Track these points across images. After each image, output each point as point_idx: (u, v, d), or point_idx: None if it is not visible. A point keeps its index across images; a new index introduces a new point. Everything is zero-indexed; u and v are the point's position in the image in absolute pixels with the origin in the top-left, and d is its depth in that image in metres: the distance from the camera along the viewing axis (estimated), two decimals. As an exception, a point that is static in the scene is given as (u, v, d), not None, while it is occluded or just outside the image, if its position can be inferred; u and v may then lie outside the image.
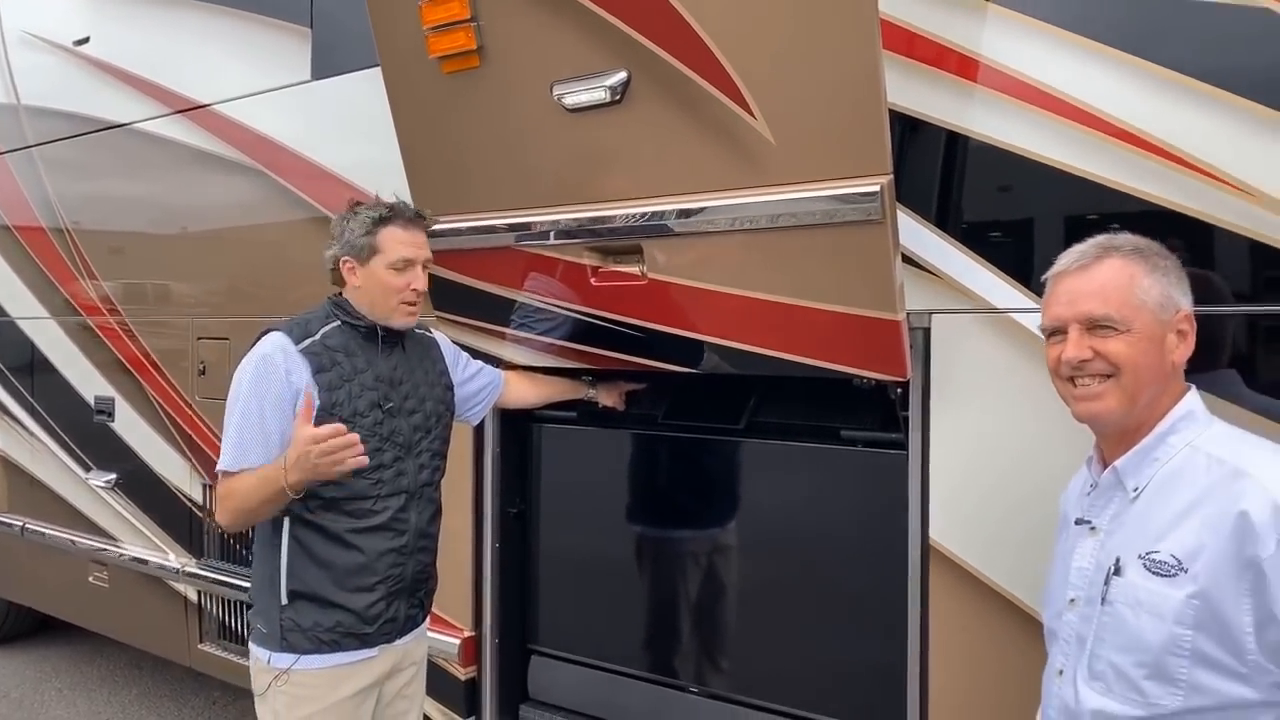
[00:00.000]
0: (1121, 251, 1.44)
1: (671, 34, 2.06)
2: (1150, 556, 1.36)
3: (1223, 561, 1.29)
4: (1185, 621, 1.31)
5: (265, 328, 2.23)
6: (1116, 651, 1.38)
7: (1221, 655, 1.29)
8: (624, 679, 2.85)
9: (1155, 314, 1.41)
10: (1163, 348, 1.42)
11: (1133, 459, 1.44)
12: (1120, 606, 1.38)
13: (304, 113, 3.43)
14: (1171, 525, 1.36)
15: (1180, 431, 1.42)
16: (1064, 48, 1.96)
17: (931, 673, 2.14)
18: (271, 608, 2.14)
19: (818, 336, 2.13)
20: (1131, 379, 1.41)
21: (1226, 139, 1.80)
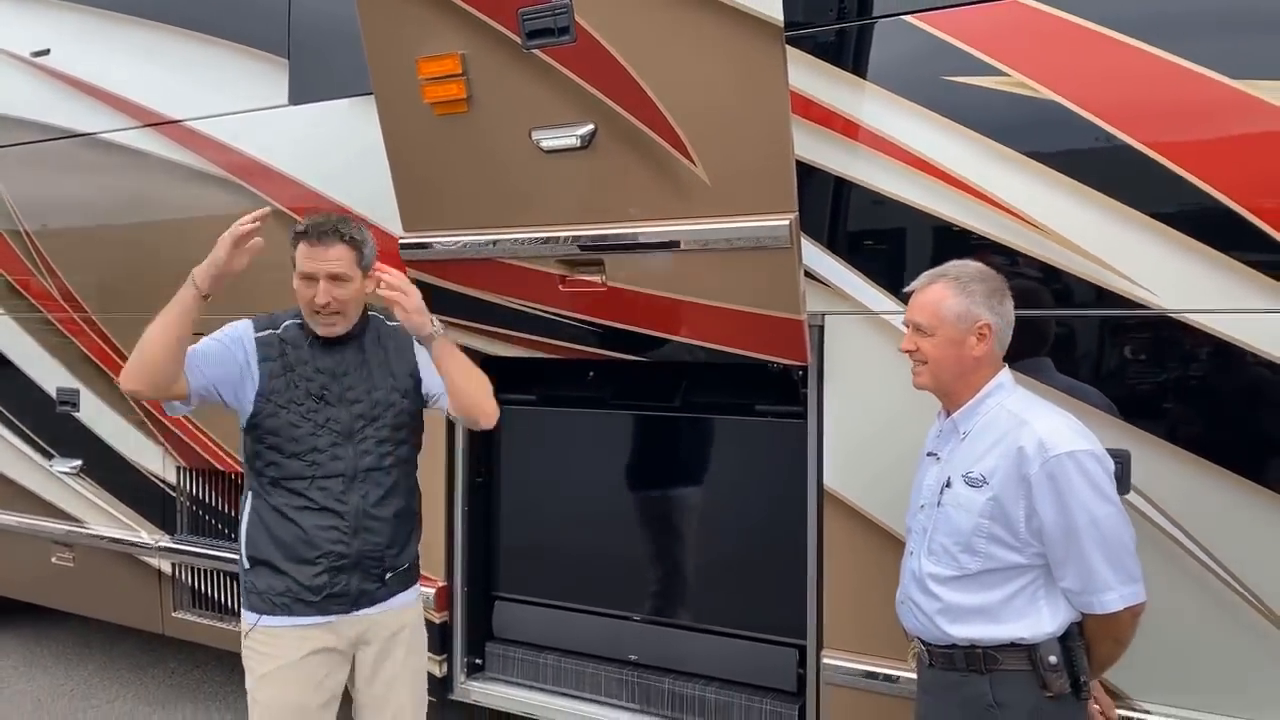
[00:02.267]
0: (945, 278, 2.11)
1: (631, 98, 2.67)
2: (968, 474, 2.06)
3: (1008, 477, 2.00)
4: (985, 514, 2.02)
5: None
6: (944, 535, 2.09)
7: (1005, 535, 2.00)
8: (575, 614, 3.45)
9: (954, 324, 2.07)
10: (963, 346, 2.07)
11: (963, 414, 2.13)
12: (948, 507, 2.09)
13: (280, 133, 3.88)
14: (982, 455, 2.06)
15: (994, 396, 2.11)
16: (921, 118, 2.67)
17: (825, 585, 2.83)
18: (242, 570, 2.44)
19: (740, 331, 2.79)
20: (935, 366, 2.11)
21: (1029, 191, 2.53)
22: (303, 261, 2.43)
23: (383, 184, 3.21)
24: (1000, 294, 2.11)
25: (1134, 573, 1.98)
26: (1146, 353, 2.46)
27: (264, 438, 2.41)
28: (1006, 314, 2.11)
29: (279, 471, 2.40)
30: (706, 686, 3.13)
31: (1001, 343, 2.12)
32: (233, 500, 4.11)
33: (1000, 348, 2.13)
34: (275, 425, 2.40)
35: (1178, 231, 2.36)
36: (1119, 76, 2.44)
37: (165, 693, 4.63)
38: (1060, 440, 1.97)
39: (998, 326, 2.09)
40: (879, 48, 2.75)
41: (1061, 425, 2.01)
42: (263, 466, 2.41)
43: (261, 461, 2.42)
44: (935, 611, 2.08)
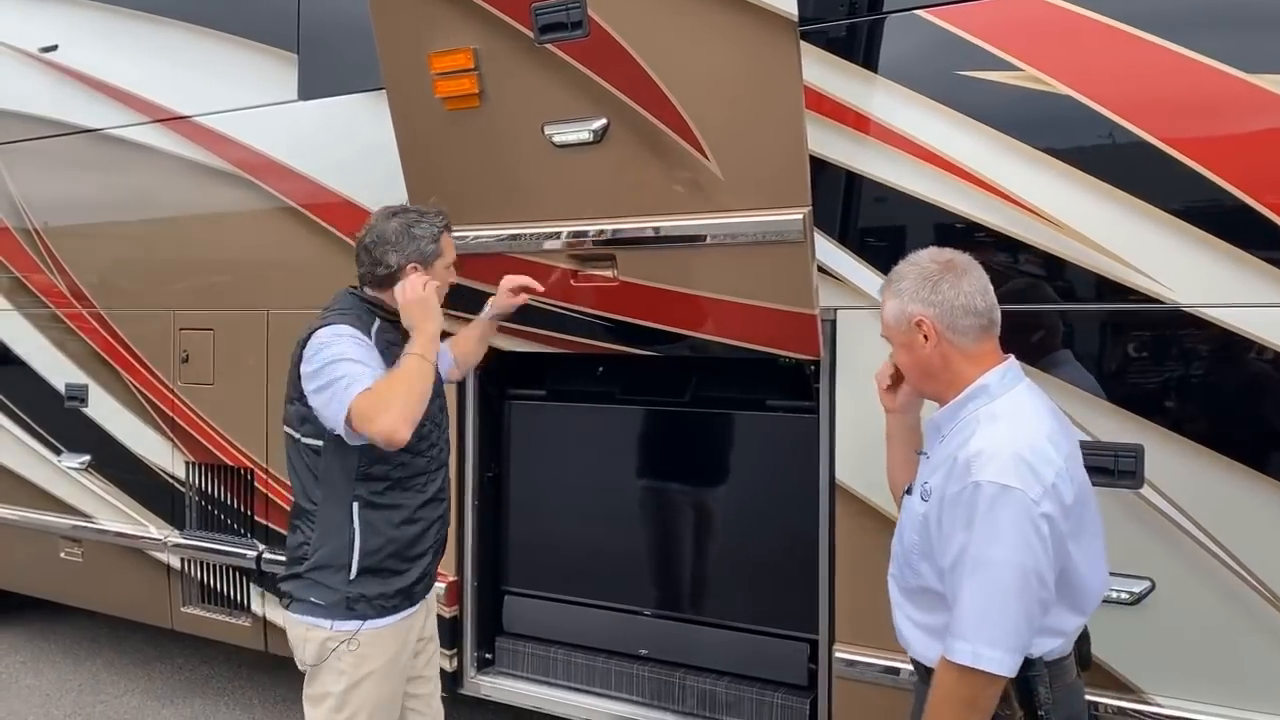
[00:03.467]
0: (886, 284, 1.97)
1: (644, 92, 2.67)
2: (924, 485, 1.89)
3: (940, 494, 1.81)
4: (918, 530, 1.87)
5: (319, 324, 2.34)
6: (896, 541, 1.99)
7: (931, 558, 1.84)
8: (585, 609, 3.45)
9: (896, 329, 1.92)
10: (913, 349, 1.89)
11: (943, 414, 1.92)
12: (902, 514, 1.99)
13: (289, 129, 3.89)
14: (939, 465, 1.86)
15: (976, 399, 1.86)
16: (934, 112, 2.67)
17: (837, 579, 2.83)
18: (336, 582, 2.31)
19: (753, 326, 2.79)
20: (905, 376, 2.00)
21: (1041, 185, 2.53)
22: (452, 249, 2.51)
23: (394, 179, 3.22)
24: (933, 280, 1.86)
25: (999, 638, 1.68)
26: (1160, 347, 2.45)
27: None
28: (947, 299, 1.85)
29: (405, 471, 2.37)
30: (718, 681, 3.14)
31: (958, 330, 1.85)
32: (241, 495, 4.11)
33: (962, 336, 1.86)
34: None
35: (1191, 226, 2.36)
36: (1133, 71, 2.44)
37: (174, 687, 4.64)
38: (987, 466, 1.71)
39: (935, 316, 1.85)
40: (891, 42, 2.75)
41: (1004, 449, 1.73)
42: (388, 470, 2.33)
43: (387, 465, 2.33)
44: (900, 620, 1.99)
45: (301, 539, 2.39)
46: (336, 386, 2.19)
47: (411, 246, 2.39)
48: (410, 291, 2.31)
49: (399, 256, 2.38)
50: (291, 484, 2.45)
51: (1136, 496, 2.42)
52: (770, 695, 3.04)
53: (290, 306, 3.94)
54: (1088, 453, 2.43)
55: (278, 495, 3.98)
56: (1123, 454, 2.43)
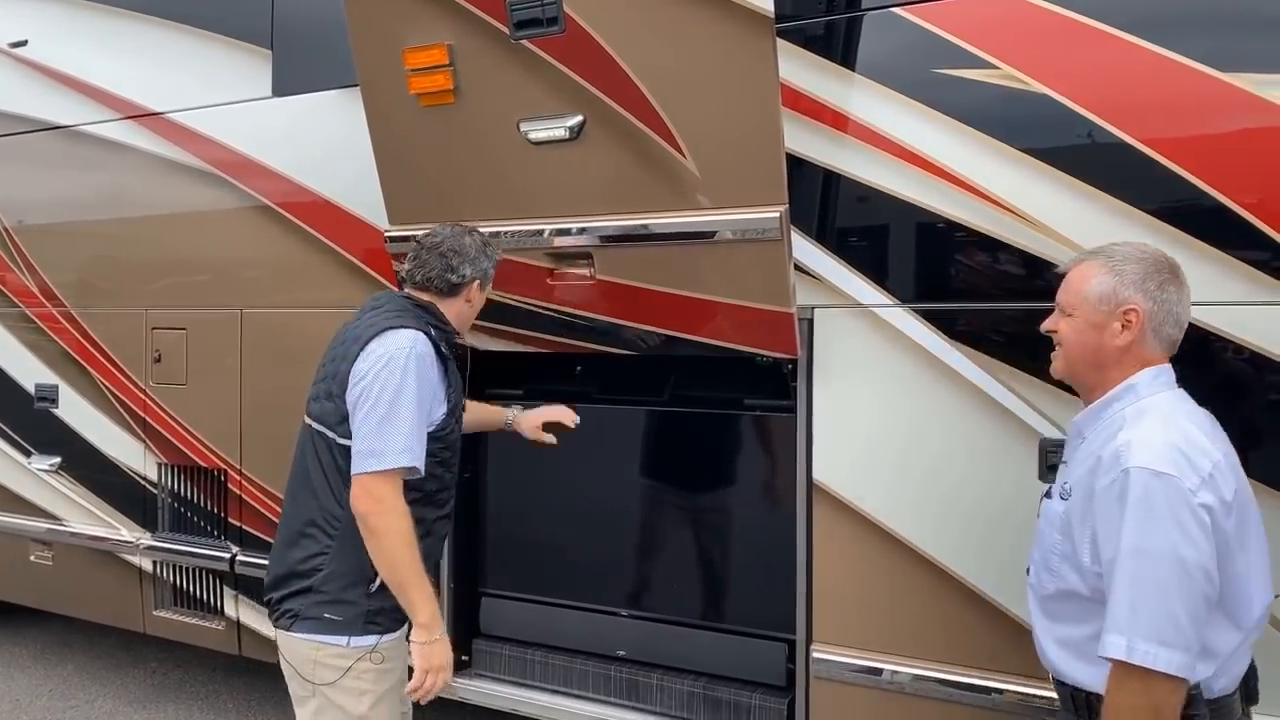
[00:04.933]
0: (1095, 256, 1.85)
1: (620, 89, 2.65)
2: (1063, 485, 1.84)
3: (1084, 489, 1.75)
4: (1058, 528, 1.80)
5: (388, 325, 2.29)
6: (1035, 548, 1.91)
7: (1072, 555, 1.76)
8: (562, 610, 3.43)
9: (1095, 305, 1.80)
10: (1103, 332, 1.80)
11: (1087, 416, 1.87)
12: (1041, 518, 1.91)
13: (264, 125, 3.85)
14: (1079, 464, 1.81)
15: (1121, 399, 1.80)
16: (911, 111, 2.66)
17: (815, 579, 2.82)
18: (355, 596, 2.24)
19: (730, 325, 2.78)
20: (1069, 351, 1.86)
21: (1018, 184, 2.53)
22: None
23: (369, 177, 3.18)
24: (1160, 278, 1.80)
25: (1160, 632, 1.58)
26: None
27: (437, 453, 2.32)
28: (1167, 303, 1.79)
29: (435, 485, 2.35)
30: (695, 682, 3.12)
31: (1160, 336, 1.80)
32: (215, 497, 4.06)
33: (1158, 342, 1.81)
34: (451, 439, 2.40)
35: (1167, 224, 2.36)
36: (1109, 70, 2.44)
37: (147, 692, 4.57)
38: (1138, 454, 1.66)
39: (1149, 313, 1.78)
40: (868, 40, 2.75)
41: (1156, 439, 1.68)
42: (422, 482, 2.28)
43: (423, 477, 2.28)
44: (1041, 636, 1.88)
45: (315, 550, 2.28)
46: (396, 432, 2.16)
47: (483, 266, 2.48)
48: (437, 660, 2.24)
49: (472, 271, 2.45)
50: (304, 491, 2.33)
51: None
52: (748, 696, 3.03)
53: (264, 305, 3.90)
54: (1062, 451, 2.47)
55: (252, 497, 3.93)
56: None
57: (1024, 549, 2.48)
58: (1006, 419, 2.55)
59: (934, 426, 2.64)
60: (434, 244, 2.46)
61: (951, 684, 2.61)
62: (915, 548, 2.66)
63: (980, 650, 2.59)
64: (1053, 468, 2.47)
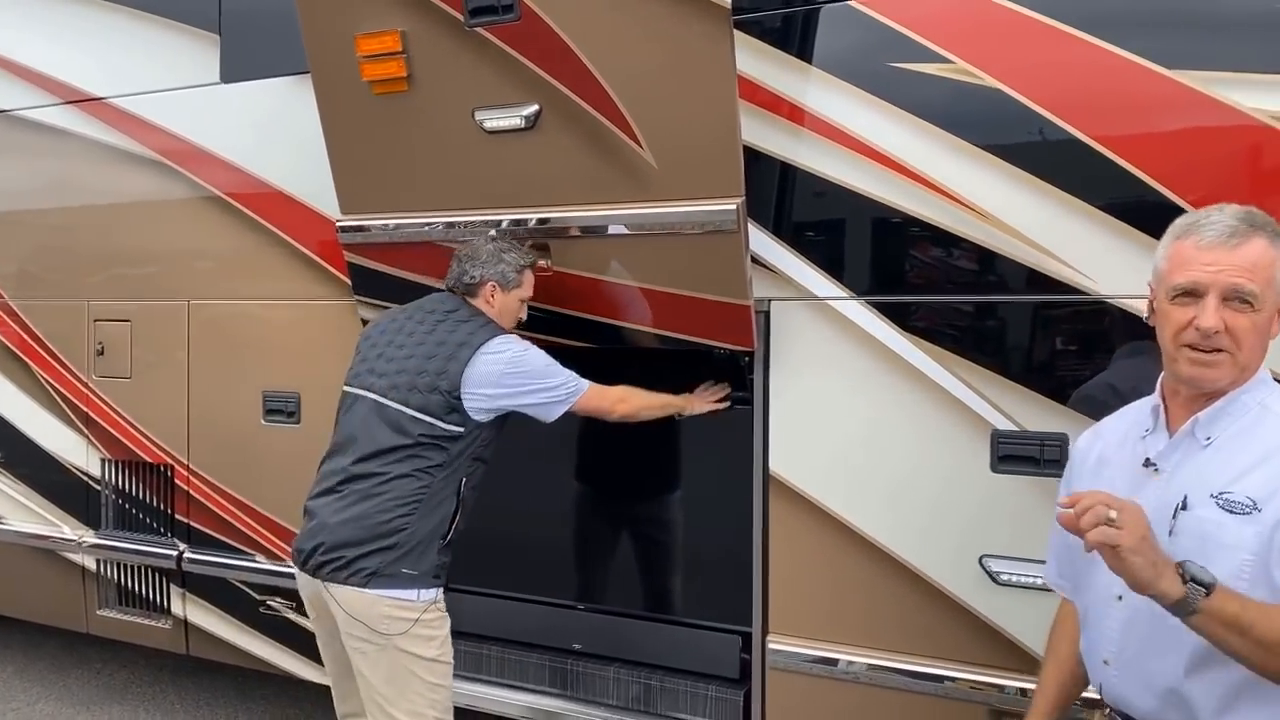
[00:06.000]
0: (1267, 232, 1.49)
1: (576, 78, 2.63)
2: (1224, 496, 1.48)
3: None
4: (1252, 549, 1.44)
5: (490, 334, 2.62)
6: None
7: (1268, 582, 1.43)
8: (518, 604, 3.40)
9: (1278, 296, 1.50)
10: (1273, 325, 1.53)
11: (1213, 413, 1.54)
12: (1185, 538, 1.48)
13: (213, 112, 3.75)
14: (1246, 471, 1.48)
15: (1252, 390, 1.54)
16: (867, 104, 2.67)
17: (771, 567, 2.83)
18: (428, 552, 2.55)
19: (688, 317, 2.77)
20: (1246, 354, 1.50)
21: (971, 177, 2.56)
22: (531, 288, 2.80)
23: (320, 165, 3.12)
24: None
25: None
26: (1086, 338, 2.49)
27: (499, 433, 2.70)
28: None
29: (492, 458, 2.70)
30: (651, 675, 3.11)
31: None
32: (161, 493, 3.96)
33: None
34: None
35: (1114, 218, 2.40)
36: (1060, 66, 2.47)
37: (91, 693, 4.45)
38: None
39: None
40: (825, 33, 2.75)
41: None
42: (489, 454, 2.67)
43: (490, 451, 2.68)
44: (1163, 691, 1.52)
45: (397, 514, 2.52)
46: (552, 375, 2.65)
47: (497, 269, 2.69)
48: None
49: (483, 272, 2.69)
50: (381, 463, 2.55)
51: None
52: (704, 688, 3.03)
53: (212, 296, 3.81)
54: (1016, 441, 2.51)
55: (200, 493, 3.84)
56: (1048, 443, 2.47)
57: (977, 540, 2.55)
58: (959, 411, 2.57)
59: (888, 418, 2.66)
60: (456, 254, 2.76)
61: (905, 673, 2.64)
62: (870, 538, 2.68)
63: (933, 639, 2.62)
64: (1004, 458, 2.52)
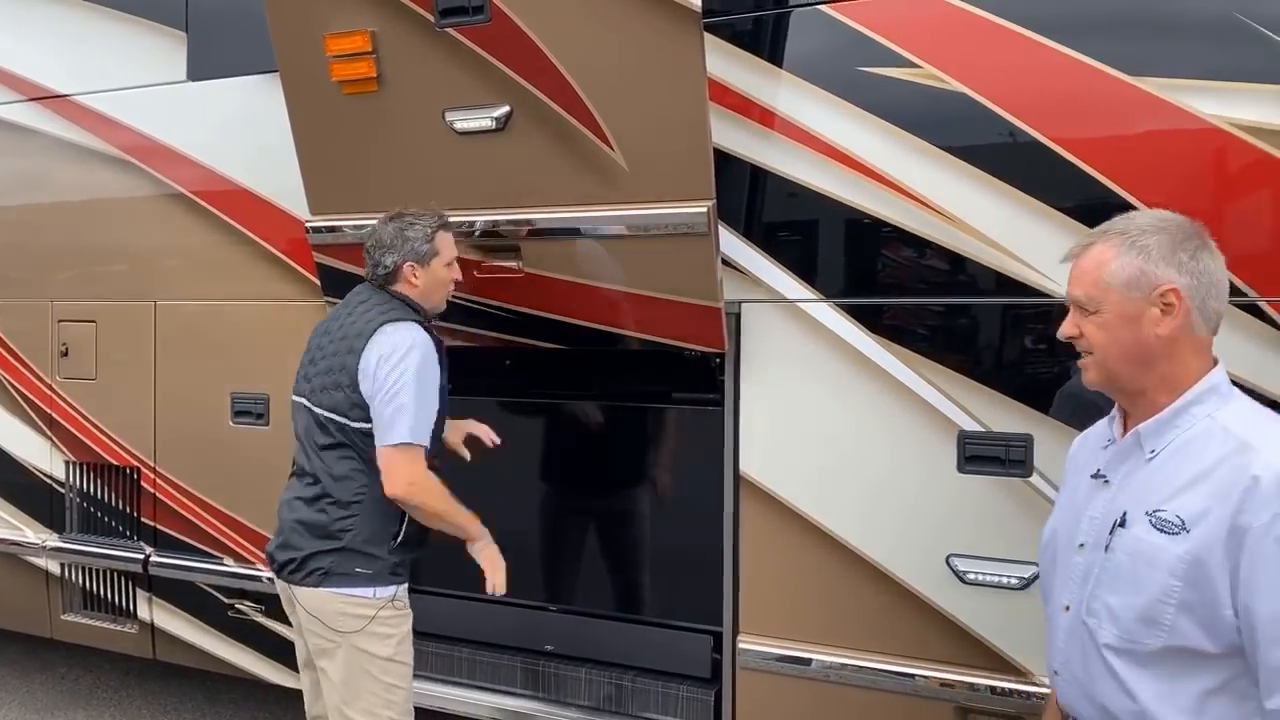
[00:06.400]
0: (1105, 236, 1.54)
1: (547, 80, 2.63)
2: (1157, 514, 1.46)
3: (1221, 525, 1.39)
4: (1178, 574, 1.41)
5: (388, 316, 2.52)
6: (1111, 593, 1.50)
7: (1200, 607, 1.40)
8: (490, 605, 3.37)
9: (1123, 293, 1.49)
10: (1140, 323, 1.48)
11: (1154, 425, 1.51)
12: (1120, 555, 1.49)
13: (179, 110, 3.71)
14: (1182, 489, 1.45)
15: (1204, 403, 1.49)
16: (836, 108, 2.69)
17: (742, 567, 2.84)
18: (380, 550, 2.51)
19: (658, 318, 2.78)
20: (1103, 355, 1.53)
21: (938, 181, 2.58)
22: (451, 248, 2.67)
23: (289, 165, 3.10)
24: (1194, 245, 1.50)
25: None
26: (1049, 340, 2.52)
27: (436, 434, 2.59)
28: (1208, 273, 1.49)
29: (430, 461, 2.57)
30: (623, 675, 3.12)
31: (1206, 314, 1.50)
32: (127, 496, 3.91)
33: (1205, 321, 1.51)
34: (442, 417, 2.61)
35: (1075, 220, 2.43)
36: (1024, 71, 2.50)
37: (55, 699, 4.39)
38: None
39: (1189, 290, 1.47)
40: (795, 37, 2.77)
41: None
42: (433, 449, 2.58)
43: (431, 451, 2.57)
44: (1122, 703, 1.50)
45: (340, 515, 2.51)
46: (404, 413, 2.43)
47: (406, 247, 2.58)
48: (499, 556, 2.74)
49: (395, 257, 2.58)
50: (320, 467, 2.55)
51: (1025, 484, 2.50)
52: (675, 688, 3.04)
53: (179, 297, 3.77)
54: (981, 442, 2.55)
55: (167, 495, 3.80)
56: (1014, 444, 2.51)
57: (944, 540, 2.58)
58: (927, 412, 2.60)
59: (857, 419, 2.68)
60: (364, 242, 2.65)
61: (874, 671, 2.66)
62: (839, 538, 2.71)
63: (901, 638, 2.64)
64: (971, 459, 2.56)
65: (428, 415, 2.49)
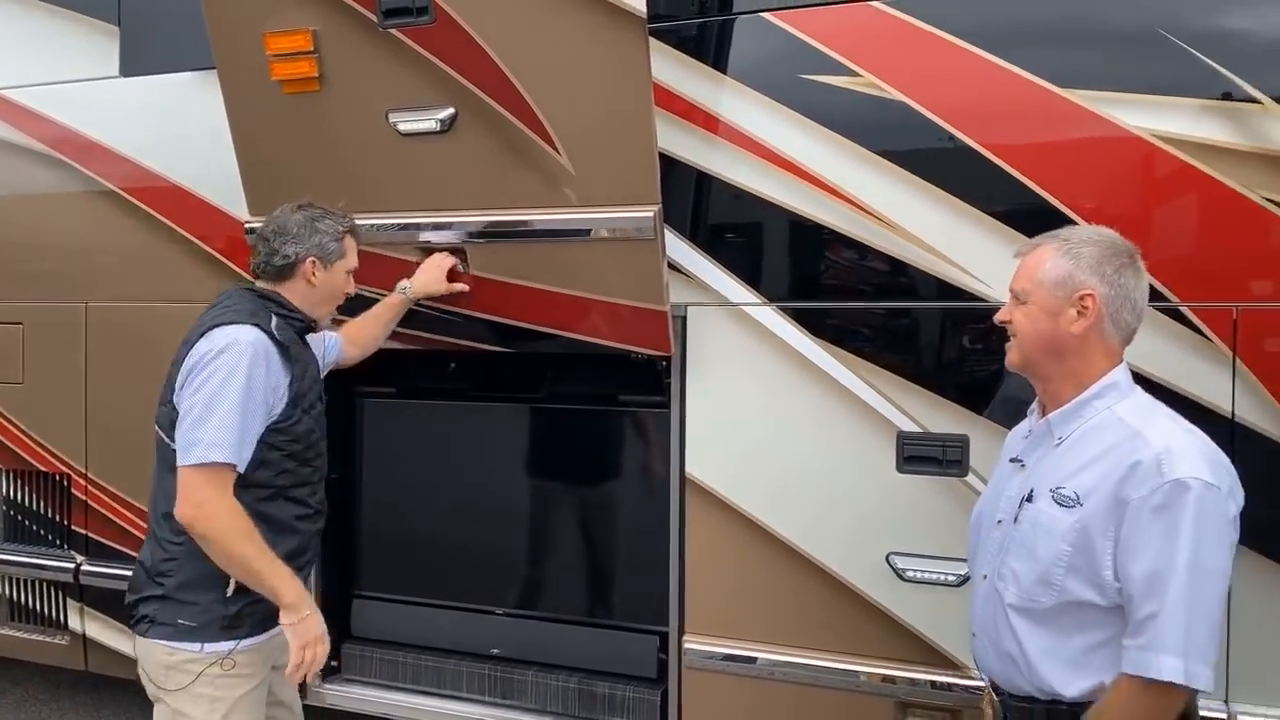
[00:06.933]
0: (1050, 239, 1.78)
1: (493, 83, 2.62)
2: (1058, 490, 1.69)
3: (1106, 499, 1.63)
4: (1069, 541, 1.65)
5: (216, 319, 2.20)
6: (1016, 560, 1.74)
7: (1085, 569, 1.64)
8: (436, 610, 3.37)
9: (1050, 290, 1.72)
10: (1058, 319, 1.71)
11: (1062, 415, 1.76)
12: (1025, 525, 1.73)
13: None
14: (1079, 469, 1.69)
15: (1104, 397, 1.72)
16: (778, 114, 2.73)
17: (688, 567, 2.87)
18: (210, 600, 2.16)
19: (605, 322, 2.79)
20: (1024, 341, 1.77)
21: (876, 187, 2.64)
22: (355, 256, 2.44)
23: (227, 164, 3.04)
24: (1118, 262, 1.72)
25: (1211, 654, 1.57)
26: (983, 342, 2.60)
27: (283, 446, 2.23)
28: (1126, 288, 1.71)
29: (291, 479, 2.26)
30: (570, 677, 3.13)
31: (1117, 323, 1.73)
32: (57, 504, 3.79)
33: (1116, 330, 1.74)
34: (298, 432, 2.26)
35: (1008, 227, 2.51)
36: (960, 80, 2.57)
37: (-21, 715, 4.24)
38: (1183, 463, 1.59)
39: (1105, 299, 1.71)
40: (739, 44, 2.81)
41: (1189, 445, 1.63)
42: (271, 477, 2.21)
43: (271, 471, 2.21)
44: (1015, 653, 1.73)
45: (165, 555, 2.21)
46: (225, 427, 2.08)
47: (314, 240, 2.33)
48: (310, 634, 2.16)
49: (299, 248, 2.32)
50: (155, 493, 2.28)
51: (962, 484, 2.57)
52: (621, 689, 3.06)
53: (111, 298, 3.67)
54: (920, 442, 2.61)
55: (99, 503, 3.69)
56: (950, 444, 2.58)
57: (884, 538, 2.64)
58: (867, 413, 2.66)
59: (800, 420, 2.73)
60: (260, 231, 2.39)
61: (817, 668, 2.71)
62: (783, 538, 2.75)
63: (843, 635, 2.70)
64: (910, 459, 2.62)
65: (233, 429, 2.09)
